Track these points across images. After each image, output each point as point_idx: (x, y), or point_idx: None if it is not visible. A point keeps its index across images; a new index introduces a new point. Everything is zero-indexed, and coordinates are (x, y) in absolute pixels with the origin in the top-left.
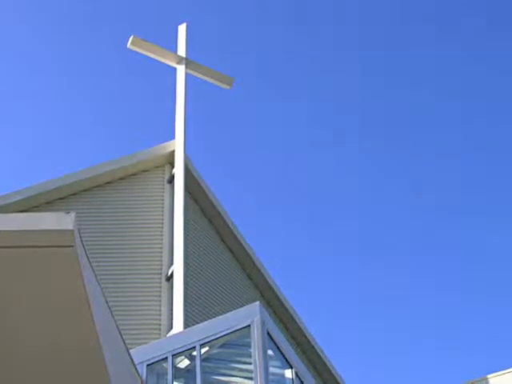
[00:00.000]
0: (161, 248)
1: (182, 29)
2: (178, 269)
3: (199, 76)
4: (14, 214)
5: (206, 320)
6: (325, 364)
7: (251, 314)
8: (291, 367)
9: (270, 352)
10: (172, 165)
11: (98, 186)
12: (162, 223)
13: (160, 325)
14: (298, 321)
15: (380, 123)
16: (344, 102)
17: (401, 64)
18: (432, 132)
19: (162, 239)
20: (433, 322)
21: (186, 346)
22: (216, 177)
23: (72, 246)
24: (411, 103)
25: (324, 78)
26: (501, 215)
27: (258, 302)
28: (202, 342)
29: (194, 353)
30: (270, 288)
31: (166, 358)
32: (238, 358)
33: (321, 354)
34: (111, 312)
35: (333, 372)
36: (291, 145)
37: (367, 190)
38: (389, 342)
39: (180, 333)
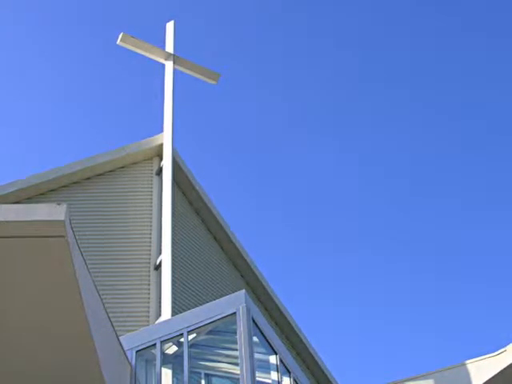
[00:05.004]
0: (149, 238)
1: (169, 26)
2: (166, 258)
3: (186, 72)
4: (7, 205)
5: (193, 308)
6: (308, 350)
7: (237, 301)
8: (276, 353)
9: (255, 338)
10: (160, 157)
11: (88, 178)
12: (151, 214)
13: (149, 312)
14: (281, 308)
15: (379, 122)
16: (341, 100)
17: (401, 63)
18: (432, 132)
19: (150, 229)
20: (433, 322)
21: (173, 332)
22: (203, 169)
23: (63, 236)
24: (411, 101)
25: (319, 76)
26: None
27: (243, 291)
28: (189, 329)
29: (182, 339)
30: (256, 277)
31: (155, 344)
32: (225, 345)
33: (304, 341)
34: (101, 300)
35: (316, 358)
36: (282, 141)
37: (367, 188)
38: (386, 340)
39: (168, 320)
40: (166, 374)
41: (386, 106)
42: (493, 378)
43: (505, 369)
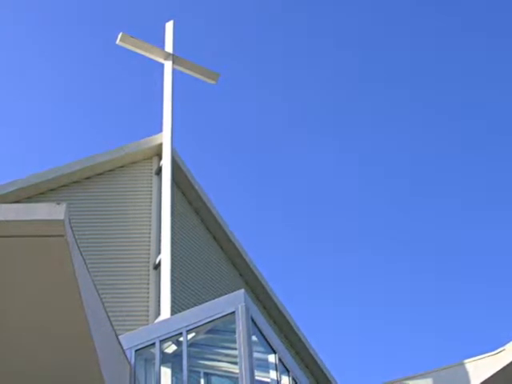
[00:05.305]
0: (149, 237)
1: (169, 26)
2: (165, 257)
3: (186, 71)
4: (7, 205)
5: (192, 307)
6: (307, 349)
7: (236, 301)
8: (275, 352)
9: (254, 338)
10: (160, 157)
11: (88, 178)
12: (150, 213)
13: (148, 311)
14: (280, 307)
15: (379, 122)
16: (341, 100)
17: (401, 63)
18: (432, 132)
19: (149, 229)
20: (433, 322)
21: (173, 331)
22: (203, 169)
23: (63, 236)
24: (411, 101)
25: (319, 76)
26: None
27: (242, 290)
28: (188, 328)
29: (181, 338)
30: (255, 277)
31: (154, 343)
32: (224, 344)
33: (303, 340)
34: (101, 299)
35: (315, 358)
36: (282, 141)
37: (367, 188)
38: (386, 340)
39: (167, 319)
40: (166, 373)
41: (386, 106)
42: (491, 377)
43: (503, 368)
